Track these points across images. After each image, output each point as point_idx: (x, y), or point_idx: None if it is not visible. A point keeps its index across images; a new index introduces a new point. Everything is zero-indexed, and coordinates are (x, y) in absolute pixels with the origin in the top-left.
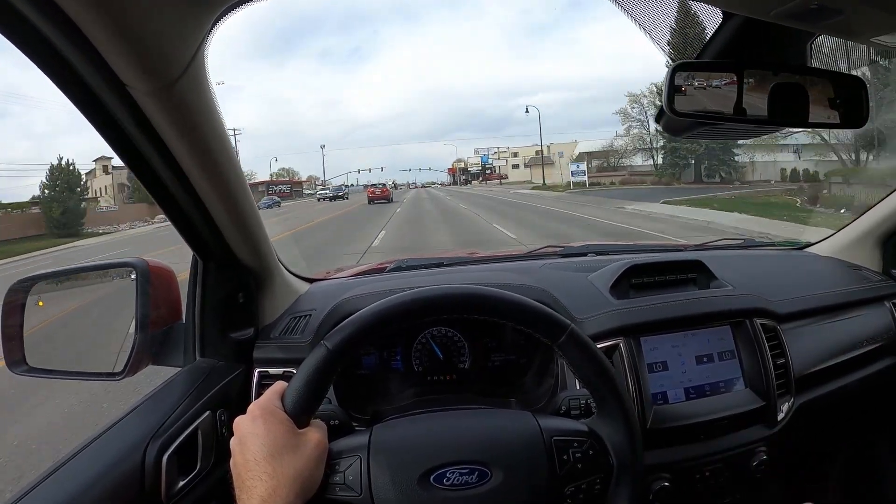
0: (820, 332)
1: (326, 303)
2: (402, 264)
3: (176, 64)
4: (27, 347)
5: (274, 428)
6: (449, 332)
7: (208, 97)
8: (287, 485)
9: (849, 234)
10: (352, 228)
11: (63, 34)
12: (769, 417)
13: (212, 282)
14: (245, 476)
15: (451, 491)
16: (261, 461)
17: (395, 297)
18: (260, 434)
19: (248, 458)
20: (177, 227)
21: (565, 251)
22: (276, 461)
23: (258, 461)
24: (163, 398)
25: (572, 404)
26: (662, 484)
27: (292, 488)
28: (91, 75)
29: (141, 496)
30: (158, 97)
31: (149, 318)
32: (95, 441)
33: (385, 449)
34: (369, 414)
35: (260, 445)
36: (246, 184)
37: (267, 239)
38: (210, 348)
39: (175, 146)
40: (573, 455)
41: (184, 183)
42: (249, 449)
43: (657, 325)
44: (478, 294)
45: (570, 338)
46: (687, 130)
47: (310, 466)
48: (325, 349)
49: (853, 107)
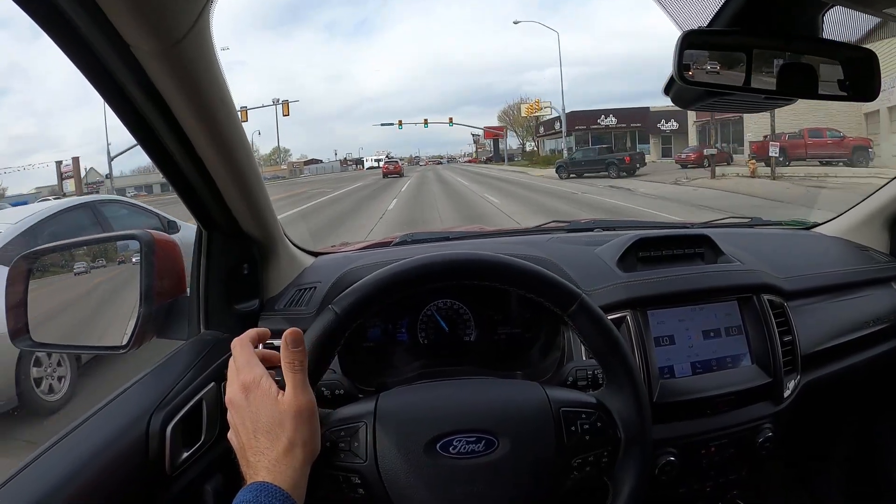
0: (827, 312)
1: (331, 274)
2: (408, 238)
3: (181, 23)
4: (31, 321)
5: (266, 400)
6: (454, 305)
7: (213, 60)
8: (288, 452)
9: (856, 214)
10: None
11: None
12: (775, 394)
13: (216, 253)
14: (247, 450)
15: (458, 459)
16: (259, 435)
17: (405, 261)
18: (254, 408)
19: (249, 434)
20: (181, 196)
21: (571, 226)
22: (272, 433)
23: (257, 435)
24: (167, 370)
25: (579, 374)
26: (668, 459)
27: (294, 455)
28: (95, 35)
29: (145, 466)
30: (163, 58)
31: (153, 291)
32: (100, 411)
33: (391, 416)
34: (374, 385)
35: (254, 419)
36: (251, 152)
37: (272, 209)
38: (215, 320)
39: (179, 110)
40: (581, 427)
41: (188, 150)
42: (247, 426)
43: (664, 299)
44: (488, 260)
45: (580, 307)
46: (696, 101)
47: (304, 431)
48: (332, 313)
49: (864, 79)
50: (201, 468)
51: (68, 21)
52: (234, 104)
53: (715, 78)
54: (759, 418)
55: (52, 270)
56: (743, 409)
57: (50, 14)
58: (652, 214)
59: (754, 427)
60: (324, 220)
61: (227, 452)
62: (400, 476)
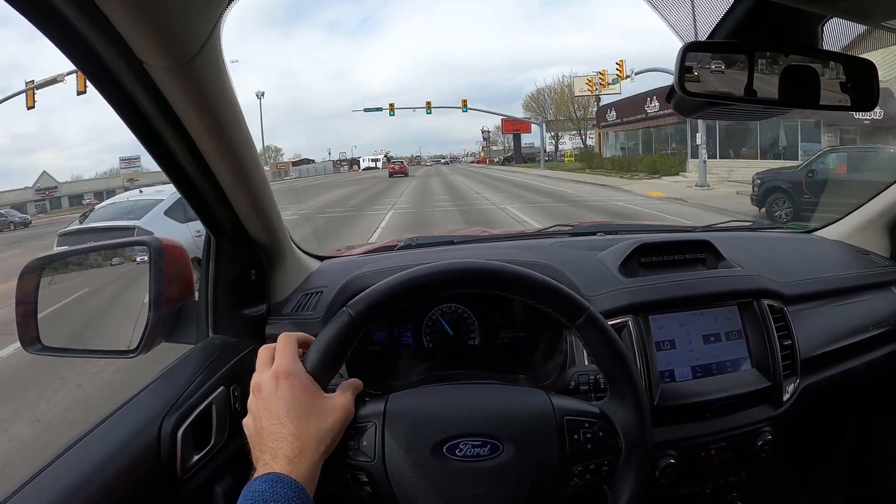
0: (826, 316)
1: (338, 279)
2: (412, 242)
3: (193, 41)
4: (41, 326)
5: (299, 391)
6: (459, 309)
7: (224, 74)
8: (313, 446)
9: (857, 218)
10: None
11: (81, 11)
12: (775, 398)
13: (224, 259)
14: (268, 438)
15: (463, 462)
16: (286, 423)
17: (421, 267)
18: (284, 396)
19: (273, 421)
20: (190, 203)
21: (575, 230)
22: (302, 423)
23: (283, 423)
24: (177, 374)
25: (581, 380)
26: (668, 461)
27: (317, 449)
28: (108, 52)
29: (157, 469)
30: (175, 74)
31: (162, 296)
32: (111, 417)
33: (400, 417)
34: (380, 389)
35: (286, 409)
36: (259, 161)
37: (279, 216)
38: (223, 325)
39: (190, 123)
40: (583, 435)
41: (198, 160)
42: (274, 412)
43: (665, 304)
44: (500, 270)
45: (588, 320)
46: (697, 111)
47: (334, 429)
48: (348, 315)
49: (864, 90)
50: (211, 470)
51: (82, 38)
52: (244, 116)
53: (716, 88)
54: (759, 421)
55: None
56: (742, 412)
57: (64, 31)
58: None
59: (754, 430)
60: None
61: (237, 455)
62: (406, 476)
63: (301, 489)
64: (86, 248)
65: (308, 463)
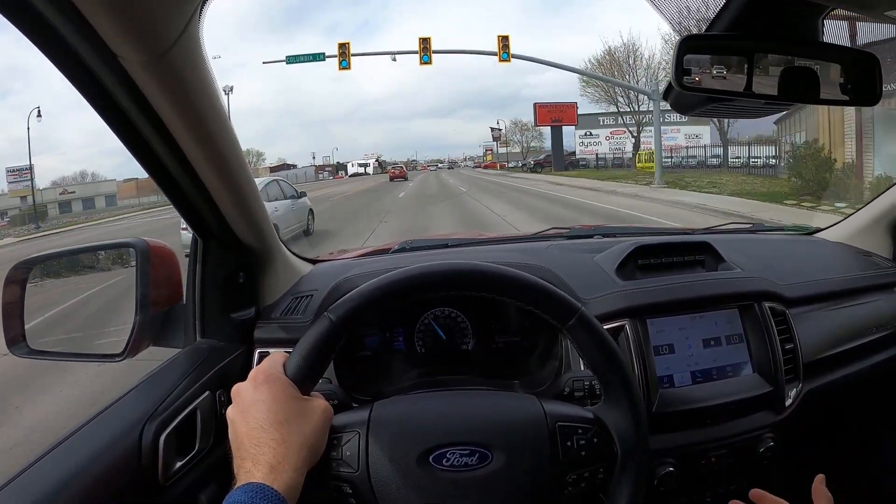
0: (829, 318)
1: (328, 282)
2: (407, 245)
3: (168, 33)
4: (28, 330)
5: (279, 394)
6: (452, 313)
7: (203, 69)
8: (295, 451)
9: (859, 220)
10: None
11: (52, 3)
12: (777, 403)
13: (212, 261)
14: (249, 444)
15: (451, 472)
16: (268, 428)
17: (402, 270)
18: (265, 400)
19: (253, 426)
20: (175, 205)
21: (572, 233)
22: (283, 428)
23: (265, 428)
24: (162, 378)
25: (576, 386)
26: (667, 469)
27: (300, 455)
28: (82, 47)
29: (137, 475)
30: (151, 68)
31: (149, 299)
32: (92, 421)
33: (385, 426)
34: (370, 395)
35: (266, 412)
36: (244, 160)
37: (267, 218)
38: (211, 329)
39: (170, 120)
40: (577, 442)
41: (180, 159)
42: (254, 416)
43: (664, 307)
44: (485, 271)
45: (579, 321)
46: (696, 107)
47: (316, 433)
48: (328, 321)
49: (865, 84)
50: (195, 477)
51: (56, 32)
52: (227, 112)
53: (715, 83)
54: (760, 428)
55: (51, 276)
56: (743, 418)
57: (37, 25)
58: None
59: (755, 437)
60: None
61: (222, 461)
62: (391, 487)
63: (283, 501)
64: (72, 249)
65: (291, 471)
